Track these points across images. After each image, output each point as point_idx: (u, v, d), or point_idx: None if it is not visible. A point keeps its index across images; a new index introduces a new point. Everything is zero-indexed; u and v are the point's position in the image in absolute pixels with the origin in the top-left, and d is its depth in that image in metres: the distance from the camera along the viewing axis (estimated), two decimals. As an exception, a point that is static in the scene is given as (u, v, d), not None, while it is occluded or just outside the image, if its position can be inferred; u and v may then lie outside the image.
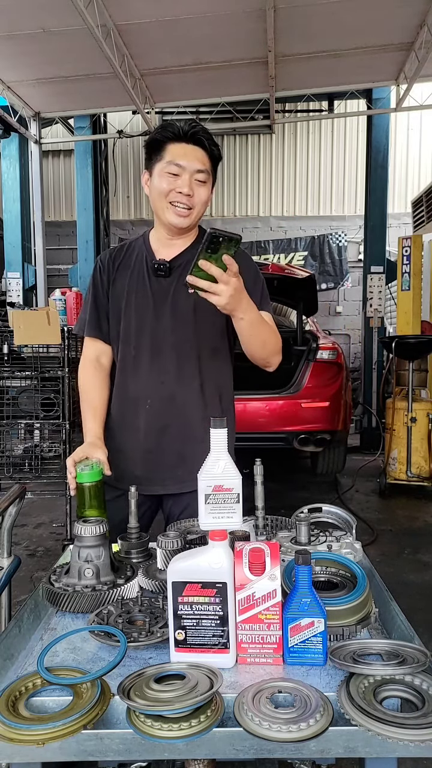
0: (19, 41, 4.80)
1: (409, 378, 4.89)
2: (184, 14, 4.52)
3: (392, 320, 7.47)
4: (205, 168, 1.50)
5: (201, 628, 0.95)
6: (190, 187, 1.49)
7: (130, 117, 7.36)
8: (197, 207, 1.53)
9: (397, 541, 3.87)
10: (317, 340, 4.87)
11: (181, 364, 1.57)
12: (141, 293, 1.60)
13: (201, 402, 1.59)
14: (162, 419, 1.58)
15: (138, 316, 1.59)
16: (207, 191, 1.53)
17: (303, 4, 4.45)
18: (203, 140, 1.50)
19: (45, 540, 3.94)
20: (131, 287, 1.61)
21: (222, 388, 1.65)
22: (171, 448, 1.59)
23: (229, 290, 1.26)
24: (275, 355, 1.56)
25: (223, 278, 1.24)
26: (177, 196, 1.50)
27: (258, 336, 1.48)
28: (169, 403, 1.58)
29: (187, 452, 1.58)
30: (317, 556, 1.16)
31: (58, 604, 1.14)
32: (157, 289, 1.59)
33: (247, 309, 1.38)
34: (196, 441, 1.55)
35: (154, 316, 1.58)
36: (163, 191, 1.51)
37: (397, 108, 6.22)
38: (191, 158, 1.49)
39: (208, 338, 1.60)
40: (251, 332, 1.45)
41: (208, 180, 1.53)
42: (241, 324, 1.41)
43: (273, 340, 1.53)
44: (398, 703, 0.86)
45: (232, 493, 1.01)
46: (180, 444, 1.58)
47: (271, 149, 10.10)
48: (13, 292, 7.05)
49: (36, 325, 3.58)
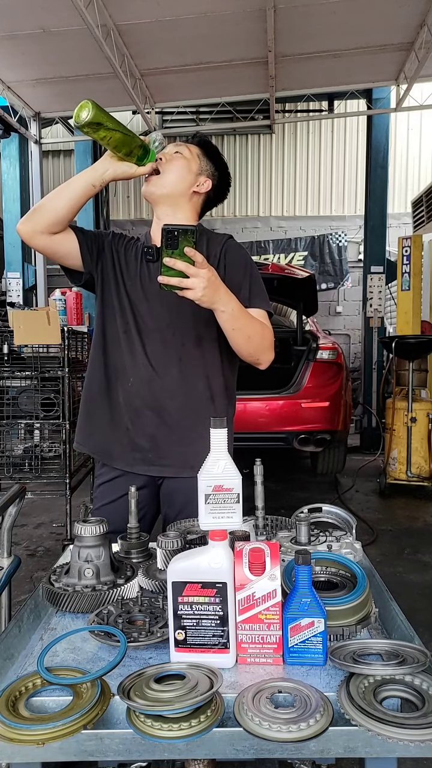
0: (19, 41, 4.81)
1: (409, 378, 4.89)
2: (184, 14, 4.52)
3: (392, 320, 7.47)
4: (182, 149, 1.59)
5: (201, 628, 0.95)
6: (165, 155, 1.56)
7: (130, 117, 7.37)
8: (166, 175, 1.57)
9: (397, 541, 3.87)
10: (317, 340, 4.87)
11: (163, 348, 1.57)
12: (132, 276, 1.62)
13: (180, 389, 1.58)
14: (139, 400, 1.59)
15: (126, 297, 1.61)
16: (181, 162, 1.59)
17: (303, 4, 4.45)
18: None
19: (45, 540, 3.94)
20: (124, 269, 1.63)
21: (210, 378, 1.62)
22: (144, 430, 1.59)
23: (202, 282, 1.27)
24: (264, 352, 1.54)
25: (191, 271, 1.25)
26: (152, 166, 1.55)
27: (242, 330, 1.46)
28: (148, 385, 1.58)
29: (159, 436, 1.58)
30: (317, 556, 1.16)
31: (58, 604, 1.14)
32: (146, 274, 1.60)
33: (226, 301, 1.38)
34: (169, 427, 1.57)
35: (141, 299, 1.59)
36: None
37: (397, 108, 6.22)
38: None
39: (192, 325, 1.58)
40: (233, 325, 1.44)
41: (182, 157, 1.59)
42: (223, 317, 1.41)
43: (259, 335, 1.51)
44: (398, 703, 0.86)
45: (232, 493, 1.01)
46: (153, 428, 1.59)
47: (271, 149, 10.11)
48: (13, 292, 7.05)
49: (36, 325, 3.58)
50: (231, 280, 1.52)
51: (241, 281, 1.56)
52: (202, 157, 1.63)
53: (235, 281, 1.54)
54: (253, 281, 1.59)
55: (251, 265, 1.63)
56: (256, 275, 1.62)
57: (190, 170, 1.60)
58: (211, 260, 1.57)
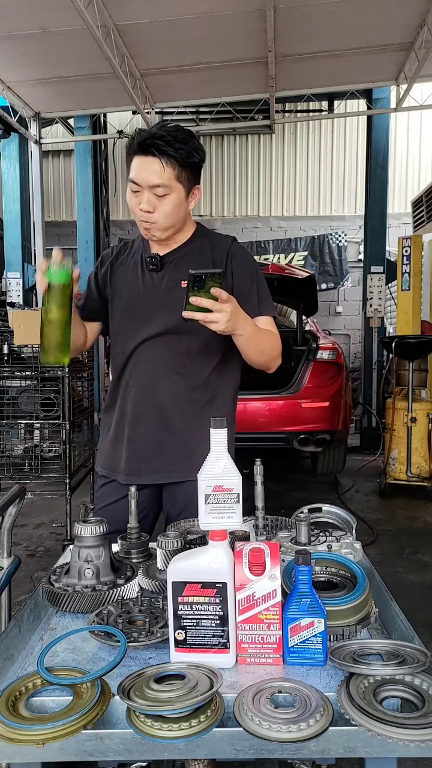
0: (19, 41, 4.80)
1: (409, 378, 4.89)
2: (184, 14, 4.51)
3: (392, 320, 7.47)
4: (160, 181, 1.45)
5: (201, 628, 0.95)
6: (148, 203, 1.48)
7: (130, 117, 7.37)
8: (161, 220, 1.50)
9: (397, 541, 3.87)
10: (317, 340, 4.87)
11: (167, 356, 1.58)
12: (133, 287, 1.62)
13: (184, 395, 1.59)
14: (142, 408, 1.60)
15: (130, 309, 1.62)
16: (171, 202, 1.49)
17: (303, 4, 4.45)
18: (157, 150, 1.43)
19: (45, 540, 3.94)
20: (125, 281, 1.64)
21: (215, 386, 1.63)
22: (149, 437, 1.60)
23: (225, 316, 1.32)
24: (274, 360, 1.60)
25: (215, 307, 1.31)
26: (140, 214, 1.50)
27: (255, 347, 1.53)
28: (151, 393, 1.59)
29: (165, 443, 1.59)
30: (317, 556, 1.16)
31: (58, 604, 1.14)
32: (149, 283, 1.61)
33: (244, 326, 1.43)
34: (173, 432, 1.58)
35: (145, 309, 1.59)
36: (132, 208, 1.53)
37: (397, 108, 6.22)
38: (146, 173, 1.45)
39: (198, 334, 1.56)
40: (248, 345, 1.51)
41: (171, 191, 1.48)
42: (240, 340, 1.47)
43: (270, 347, 1.57)
44: (398, 703, 0.86)
45: (232, 493, 1.01)
46: (158, 434, 1.59)
47: (271, 149, 10.11)
48: (13, 292, 7.05)
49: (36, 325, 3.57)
50: (239, 287, 1.57)
51: (249, 289, 1.59)
52: (183, 172, 1.48)
53: (243, 289, 1.58)
54: (260, 288, 1.62)
55: (257, 271, 1.64)
56: (262, 281, 1.64)
57: (181, 200, 1.51)
58: (217, 265, 1.59)
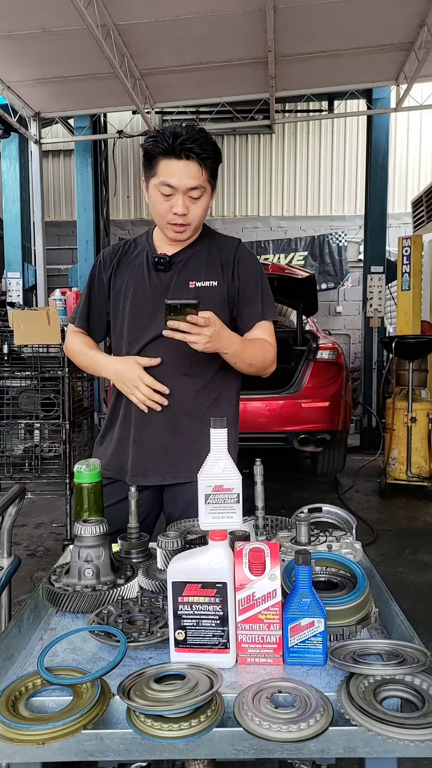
0: (19, 41, 4.80)
1: (409, 378, 4.88)
2: (184, 14, 4.52)
3: (392, 320, 7.47)
4: (198, 183, 1.46)
5: (201, 628, 0.95)
6: (185, 206, 1.47)
7: (130, 117, 7.36)
8: (194, 222, 1.52)
9: (397, 541, 3.87)
10: (317, 340, 4.87)
11: (174, 357, 1.57)
12: (140, 287, 1.61)
13: (190, 396, 1.59)
14: (148, 409, 1.59)
15: (137, 309, 1.60)
16: (203, 204, 1.51)
17: (303, 4, 4.45)
18: (194, 153, 1.43)
19: (45, 540, 3.94)
20: (131, 281, 1.62)
21: (220, 387, 1.64)
22: (156, 438, 1.59)
23: (203, 339, 1.35)
24: (266, 369, 1.62)
25: (193, 331, 1.34)
26: (173, 217, 1.49)
27: (244, 361, 1.55)
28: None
29: (171, 444, 1.59)
30: (317, 556, 1.16)
31: (58, 604, 1.14)
32: (157, 283, 1.60)
33: (228, 345, 1.45)
34: (179, 433, 1.58)
35: (152, 310, 1.58)
36: (159, 212, 1.51)
37: (397, 108, 6.22)
38: (183, 176, 1.44)
39: None
40: (235, 360, 1.53)
41: (205, 192, 1.49)
42: (227, 356, 1.50)
43: (260, 359, 1.58)
44: (398, 703, 0.86)
45: (232, 493, 1.01)
46: (165, 435, 1.59)
47: (271, 149, 10.10)
48: (13, 292, 7.05)
49: (36, 325, 3.58)
50: (243, 291, 1.59)
51: (253, 294, 1.60)
52: (212, 173, 1.51)
53: (248, 293, 1.59)
54: (265, 293, 1.63)
55: (263, 275, 1.65)
56: (266, 285, 1.64)
57: (209, 201, 1.54)
58: (224, 266, 1.59)
